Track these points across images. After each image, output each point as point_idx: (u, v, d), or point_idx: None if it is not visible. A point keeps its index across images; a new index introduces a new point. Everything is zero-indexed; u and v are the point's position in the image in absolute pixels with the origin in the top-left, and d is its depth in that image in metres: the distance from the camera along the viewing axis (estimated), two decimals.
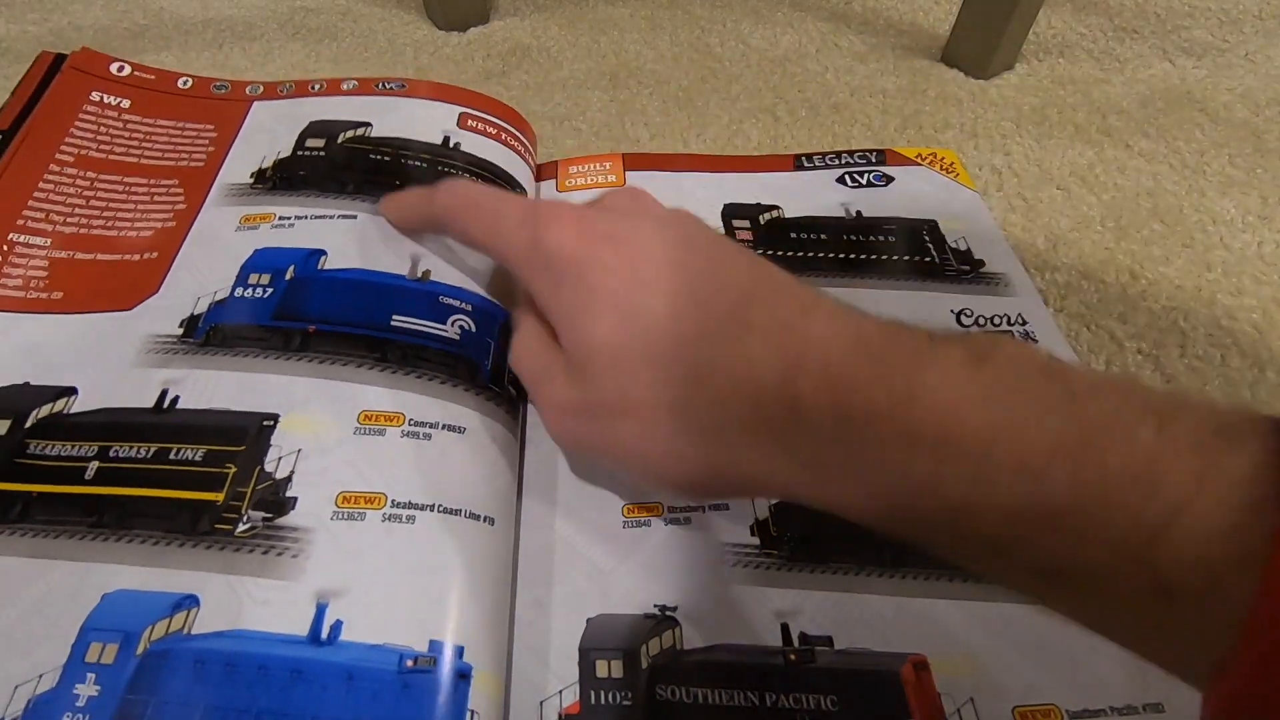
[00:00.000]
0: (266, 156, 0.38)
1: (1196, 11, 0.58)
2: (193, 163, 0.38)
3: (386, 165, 0.37)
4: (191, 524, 0.26)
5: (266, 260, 0.33)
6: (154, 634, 0.23)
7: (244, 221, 0.35)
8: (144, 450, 0.27)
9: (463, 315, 0.32)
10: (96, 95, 0.39)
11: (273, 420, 0.28)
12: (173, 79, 0.41)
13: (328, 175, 0.37)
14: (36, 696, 0.22)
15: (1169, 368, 0.34)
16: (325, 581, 0.24)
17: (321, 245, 0.33)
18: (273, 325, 0.31)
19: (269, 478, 0.27)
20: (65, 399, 0.28)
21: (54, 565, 0.24)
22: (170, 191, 0.36)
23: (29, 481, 0.26)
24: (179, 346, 0.30)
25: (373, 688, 0.23)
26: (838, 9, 0.59)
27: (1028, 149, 0.46)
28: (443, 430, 0.28)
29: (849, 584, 0.27)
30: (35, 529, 0.25)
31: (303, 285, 0.32)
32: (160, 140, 0.38)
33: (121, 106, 0.39)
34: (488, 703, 0.24)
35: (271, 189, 0.36)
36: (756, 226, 0.40)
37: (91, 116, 0.38)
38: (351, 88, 0.41)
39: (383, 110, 0.40)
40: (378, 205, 0.34)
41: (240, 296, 0.32)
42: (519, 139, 0.41)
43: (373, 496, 0.26)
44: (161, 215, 0.35)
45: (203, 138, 0.39)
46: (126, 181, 0.36)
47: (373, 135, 0.39)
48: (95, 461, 0.27)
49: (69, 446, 0.27)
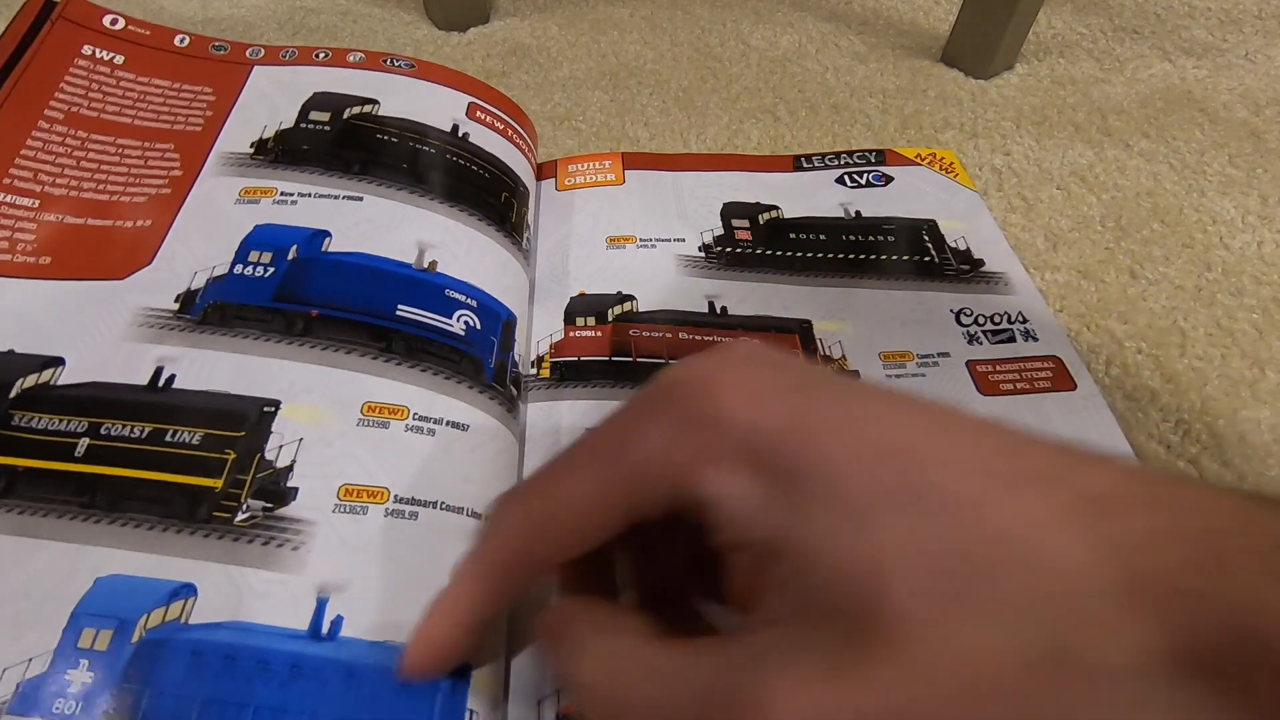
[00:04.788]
0: (267, 126, 0.36)
1: (1196, 11, 0.58)
2: (189, 126, 0.36)
3: (394, 148, 0.36)
4: (189, 510, 0.25)
5: (268, 238, 0.32)
6: (150, 622, 0.22)
7: (244, 194, 0.34)
8: (138, 429, 0.26)
9: (468, 311, 0.31)
10: (88, 49, 0.36)
11: (274, 407, 0.27)
12: (169, 35, 0.39)
13: (332, 152, 0.35)
14: (26, 681, 0.21)
15: (1169, 368, 0.34)
16: (326, 575, 0.24)
17: (325, 226, 0.32)
18: (274, 307, 0.30)
19: (270, 466, 0.26)
20: (52, 369, 0.27)
21: (43, 545, 0.23)
22: (165, 156, 0.35)
23: (14, 455, 0.25)
24: (174, 322, 0.29)
25: (373, 685, 0.22)
26: (838, 9, 0.59)
27: (1028, 149, 0.46)
28: (446, 427, 0.28)
29: None
30: (22, 506, 0.24)
31: (306, 267, 0.31)
32: (155, 101, 0.36)
33: (115, 62, 0.37)
34: (486, 702, 0.23)
35: (273, 161, 0.35)
36: (756, 226, 0.40)
37: (83, 71, 0.36)
38: (358, 60, 0.39)
39: (391, 89, 0.38)
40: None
41: (240, 274, 0.31)
42: (523, 136, 0.41)
43: (376, 491, 0.26)
44: (156, 181, 0.34)
45: (200, 100, 0.37)
46: (119, 143, 0.34)
47: (380, 114, 0.37)
48: (86, 438, 0.26)
49: (57, 420, 0.26)
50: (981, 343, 0.35)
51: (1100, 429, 0.32)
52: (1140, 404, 0.33)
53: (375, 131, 0.36)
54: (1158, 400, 0.33)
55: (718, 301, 0.37)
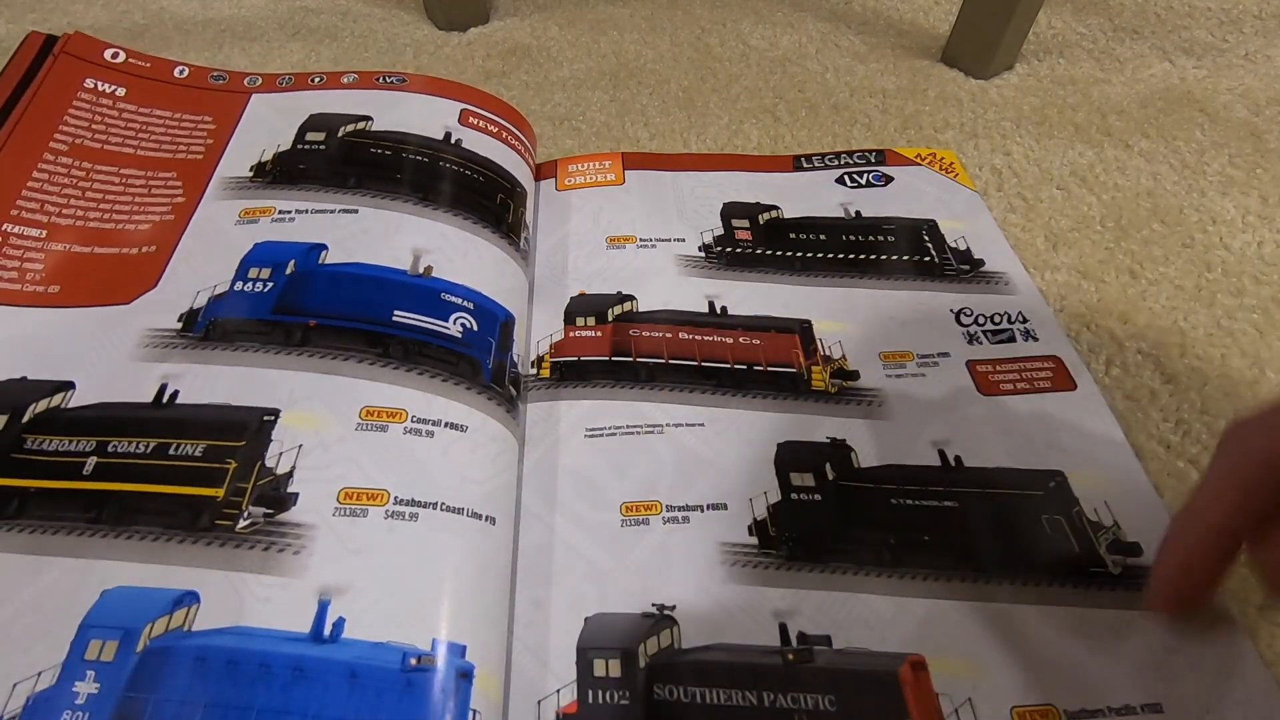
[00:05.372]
0: (266, 150, 0.37)
1: (1196, 11, 0.58)
2: (190, 155, 0.37)
3: (388, 159, 0.37)
4: (192, 520, 0.25)
5: (267, 254, 0.33)
6: (154, 631, 0.23)
7: (244, 215, 0.35)
8: (143, 445, 0.27)
9: (464, 313, 0.32)
10: (91, 82, 0.38)
11: (273, 415, 0.28)
12: (169, 67, 0.40)
13: (328, 169, 0.36)
14: (36, 694, 0.22)
15: (1169, 368, 0.34)
16: (327, 578, 0.24)
17: (322, 240, 0.33)
18: (273, 320, 0.31)
19: (270, 473, 0.26)
20: (63, 393, 0.28)
21: (52, 562, 0.24)
22: (168, 184, 0.36)
23: (26, 477, 0.26)
24: (178, 341, 0.30)
25: (376, 686, 0.22)
26: (838, 9, 0.59)
27: (1028, 149, 0.46)
28: (444, 428, 0.28)
29: (847, 584, 0.27)
30: (33, 525, 0.25)
31: (303, 280, 0.32)
32: (157, 131, 0.38)
33: (117, 95, 0.38)
34: (488, 703, 0.23)
35: (271, 182, 0.36)
36: (756, 226, 0.40)
37: (86, 104, 0.37)
38: (351, 81, 0.41)
39: (383, 105, 0.40)
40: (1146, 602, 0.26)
41: (240, 291, 0.32)
42: (519, 138, 0.41)
43: (375, 493, 0.26)
44: (159, 209, 0.35)
45: (200, 129, 0.38)
46: (123, 173, 0.36)
47: (373, 129, 0.38)
48: (94, 457, 0.27)
49: (67, 441, 0.27)
50: (981, 343, 0.35)
51: (1100, 429, 0.32)
52: (1140, 404, 0.33)
53: (370, 146, 0.37)
54: (1158, 400, 0.33)
55: (718, 301, 0.37)
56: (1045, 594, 0.27)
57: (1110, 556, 0.28)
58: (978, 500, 0.29)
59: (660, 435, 0.32)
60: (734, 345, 0.35)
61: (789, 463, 0.31)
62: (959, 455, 0.31)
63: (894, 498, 0.30)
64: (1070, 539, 0.28)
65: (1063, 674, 0.25)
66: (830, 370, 0.34)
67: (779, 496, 0.30)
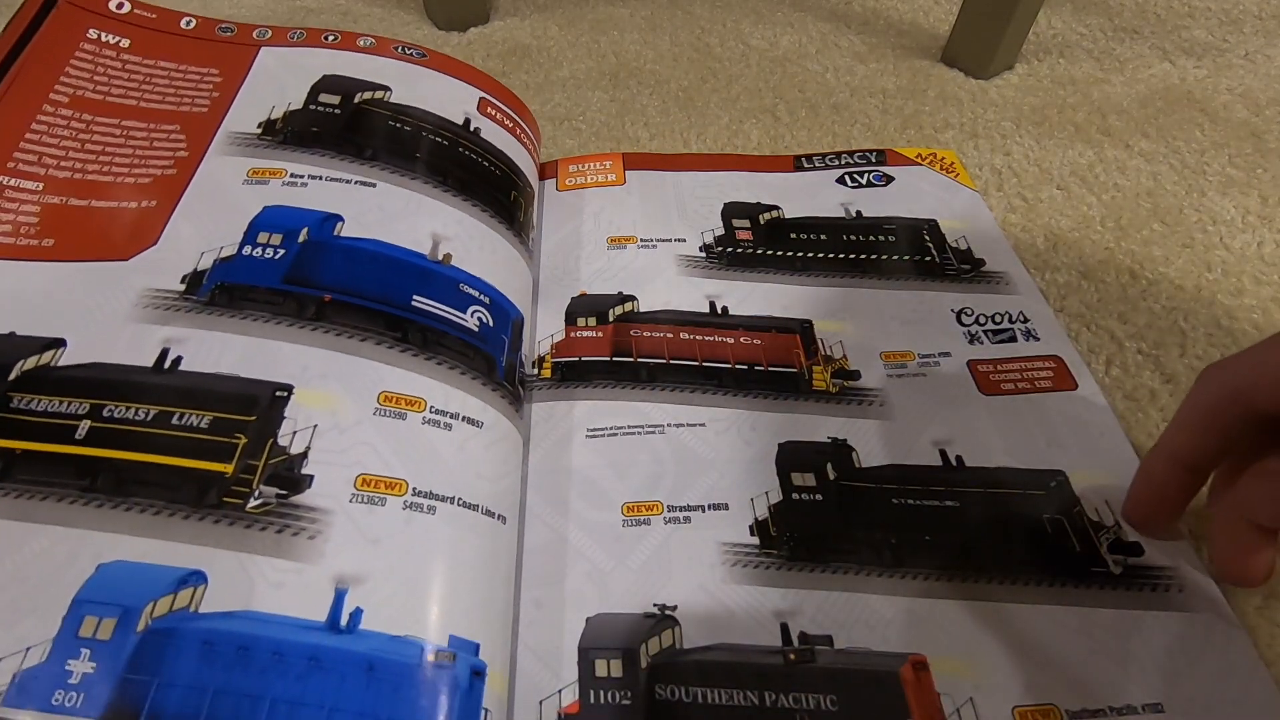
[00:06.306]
0: (275, 106, 0.36)
1: (1196, 11, 0.58)
2: (195, 108, 0.36)
3: (408, 136, 0.35)
4: (198, 495, 0.24)
5: (278, 219, 0.31)
6: (156, 610, 0.22)
7: (252, 174, 0.33)
8: (143, 412, 0.25)
9: (481, 307, 0.31)
10: (94, 33, 0.36)
11: (287, 391, 0.26)
12: (175, 18, 0.38)
13: (343, 136, 0.35)
14: (23, 671, 0.20)
15: (1169, 368, 0.34)
16: (343, 566, 0.23)
17: (337, 210, 0.32)
18: (284, 289, 0.29)
19: (283, 452, 0.25)
20: (53, 351, 0.26)
21: (40, 530, 0.23)
22: (171, 137, 0.34)
23: (12, 438, 0.24)
24: (180, 303, 0.28)
25: (394, 681, 0.22)
26: (838, 9, 0.59)
27: (1028, 149, 0.46)
28: (463, 422, 0.28)
29: (848, 584, 0.27)
30: (20, 489, 0.24)
31: (317, 250, 0.30)
32: (161, 82, 0.36)
33: (120, 45, 0.36)
34: (497, 702, 0.23)
35: (282, 142, 0.34)
36: (756, 226, 0.40)
37: (88, 55, 0.35)
38: (368, 45, 0.39)
39: (401, 78, 0.38)
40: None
41: (249, 255, 0.30)
42: (529, 135, 0.41)
43: (394, 482, 0.25)
44: (161, 162, 0.33)
45: (206, 82, 0.37)
46: (124, 125, 0.34)
47: (393, 101, 0.37)
48: (87, 420, 0.25)
49: (57, 402, 0.25)
50: (982, 342, 0.35)
51: (1100, 429, 0.32)
52: (1140, 404, 0.33)
53: (388, 118, 0.36)
54: (1158, 400, 0.33)
55: (718, 301, 0.37)
56: (1046, 594, 0.27)
57: (1111, 556, 0.28)
58: (979, 500, 0.29)
59: (661, 435, 0.32)
60: (735, 345, 0.35)
61: (790, 463, 0.31)
62: (960, 455, 0.31)
63: (895, 497, 0.30)
64: (1071, 539, 0.28)
65: (1064, 674, 0.25)
66: (831, 370, 0.34)
67: (780, 496, 0.30)
